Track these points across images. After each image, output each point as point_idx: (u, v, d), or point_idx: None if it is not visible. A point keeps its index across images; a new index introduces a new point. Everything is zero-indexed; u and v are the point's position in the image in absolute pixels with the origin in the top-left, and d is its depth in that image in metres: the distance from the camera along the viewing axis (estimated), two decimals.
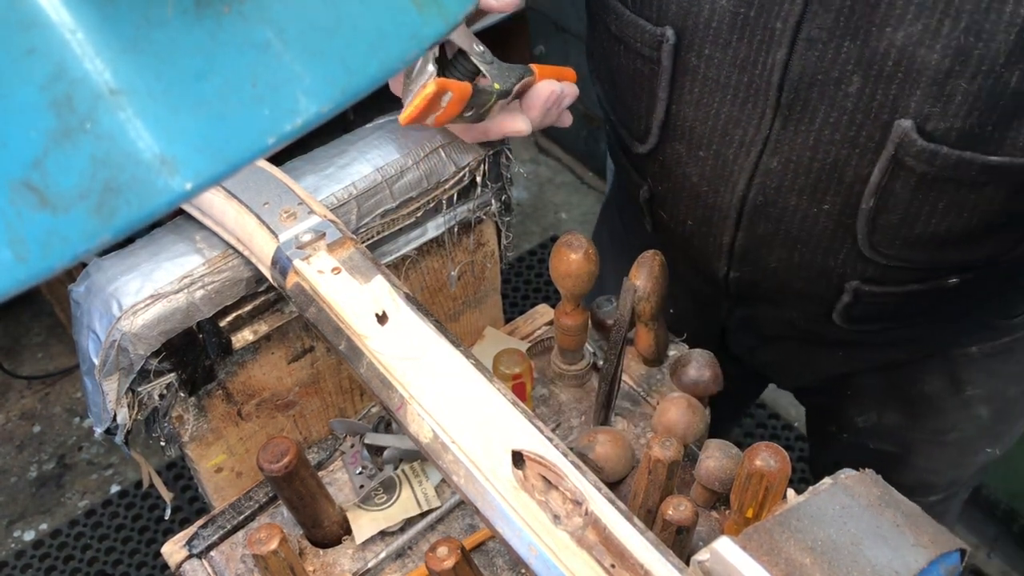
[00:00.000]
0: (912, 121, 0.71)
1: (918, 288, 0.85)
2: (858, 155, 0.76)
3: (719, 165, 0.83)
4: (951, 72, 0.68)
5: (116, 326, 0.69)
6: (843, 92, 0.73)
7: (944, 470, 1.11)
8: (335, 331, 0.64)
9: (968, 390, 1.03)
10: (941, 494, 1.15)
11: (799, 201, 0.81)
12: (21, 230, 0.25)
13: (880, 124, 0.73)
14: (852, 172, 0.77)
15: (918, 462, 1.10)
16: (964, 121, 0.70)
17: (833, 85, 0.73)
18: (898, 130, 0.72)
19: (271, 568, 0.69)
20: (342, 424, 0.86)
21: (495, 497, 0.54)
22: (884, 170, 0.75)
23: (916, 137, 0.72)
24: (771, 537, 0.51)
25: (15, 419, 2.24)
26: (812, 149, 0.78)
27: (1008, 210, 0.75)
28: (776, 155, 0.79)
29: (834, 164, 0.77)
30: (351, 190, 0.77)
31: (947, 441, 1.07)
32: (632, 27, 0.81)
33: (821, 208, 0.80)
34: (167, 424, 0.77)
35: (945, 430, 1.06)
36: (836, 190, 0.78)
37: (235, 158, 0.27)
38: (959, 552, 0.51)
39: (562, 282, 0.80)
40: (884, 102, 0.72)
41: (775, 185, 0.81)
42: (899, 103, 0.71)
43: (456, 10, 0.33)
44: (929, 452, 1.09)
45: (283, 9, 0.29)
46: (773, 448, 0.66)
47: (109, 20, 0.26)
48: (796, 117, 0.77)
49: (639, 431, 0.86)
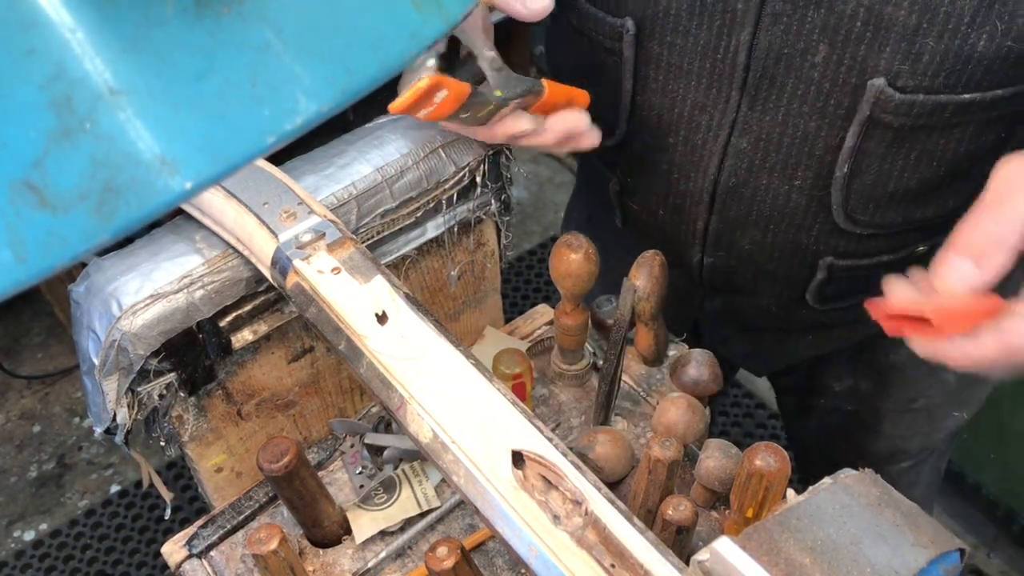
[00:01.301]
0: (884, 78, 0.73)
1: (889, 259, 0.87)
2: (827, 125, 0.77)
3: (688, 151, 0.83)
4: (919, 29, 0.69)
5: (116, 326, 0.69)
6: (809, 63, 0.74)
7: (914, 436, 1.13)
8: (335, 331, 0.64)
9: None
10: (912, 460, 1.17)
11: (771, 179, 0.82)
12: (21, 230, 0.25)
13: (849, 89, 0.75)
14: (823, 143, 0.78)
15: (889, 430, 1.12)
16: (932, 80, 0.72)
17: (799, 57, 0.74)
18: (872, 89, 0.73)
19: (271, 568, 0.69)
20: (342, 424, 0.86)
21: (495, 497, 0.54)
22: (857, 133, 0.76)
23: (892, 92, 0.73)
24: (771, 537, 0.51)
25: (15, 419, 2.24)
26: (781, 125, 0.79)
27: (971, 153, 0.78)
28: (745, 135, 0.80)
29: (804, 137, 0.78)
30: (351, 190, 0.77)
31: (916, 408, 1.09)
32: (592, 20, 0.82)
33: (793, 184, 0.81)
34: (167, 424, 0.77)
35: (914, 398, 1.08)
36: (807, 164, 0.79)
37: (235, 158, 0.27)
38: (959, 552, 0.51)
39: (562, 282, 0.80)
40: (852, 65, 0.73)
41: (746, 166, 0.82)
42: (868, 64, 0.73)
43: (456, 10, 0.33)
44: (898, 420, 1.11)
45: (283, 9, 0.29)
46: (773, 448, 0.66)
47: (109, 20, 0.26)
48: (763, 95, 0.78)
49: (639, 431, 0.86)
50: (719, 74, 0.78)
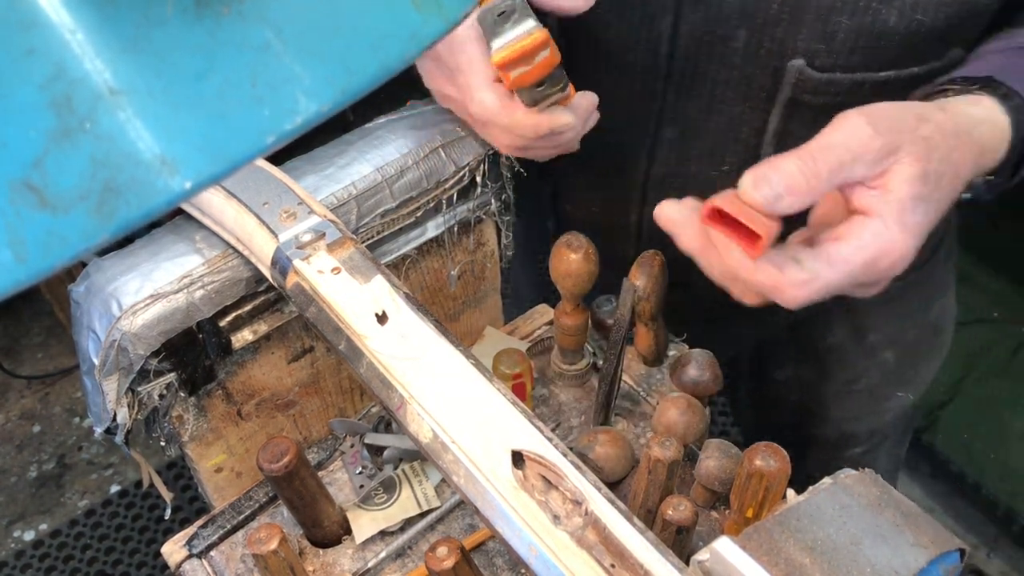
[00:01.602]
0: (803, 59, 0.74)
1: None
2: (751, 108, 0.78)
3: (619, 145, 0.84)
4: (832, 8, 0.71)
5: (116, 326, 0.69)
6: (731, 48, 0.76)
7: (860, 419, 1.14)
8: (335, 331, 0.64)
9: (871, 336, 1.06)
10: (863, 446, 1.17)
11: (699, 166, 0.83)
12: (21, 230, 0.25)
13: (770, 71, 0.76)
14: (747, 127, 0.78)
15: (834, 414, 1.12)
16: (848, 58, 0.74)
17: (720, 44, 0.75)
18: (792, 71, 0.75)
19: (271, 568, 0.69)
20: (342, 424, 0.86)
21: (495, 497, 0.54)
22: (781, 115, 0.77)
23: (811, 72, 0.75)
24: (771, 537, 0.51)
25: (15, 419, 2.24)
26: (706, 112, 0.80)
27: None
28: (672, 125, 0.81)
29: (729, 122, 0.79)
30: (351, 190, 0.77)
31: (858, 389, 1.10)
32: None
33: (721, 170, 0.82)
34: (167, 424, 0.77)
35: (854, 379, 1.09)
36: (734, 148, 0.80)
37: (235, 157, 0.27)
38: (959, 552, 0.51)
39: (562, 282, 0.80)
40: (772, 48, 0.75)
41: (675, 155, 0.83)
42: (787, 46, 0.74)
43: (456, 10, 0.33)
44: (842, 403, 1.12)
45: (283, 9, 0.29)
46: (773, 448, 0.66)
47: (109, 20, 0.26)
48: (688, 84, 0.79)
49: (639, 431, 0.86)
50: (644, 65, 0.79)
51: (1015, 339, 2.08)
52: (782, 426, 1.19)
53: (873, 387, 1.11)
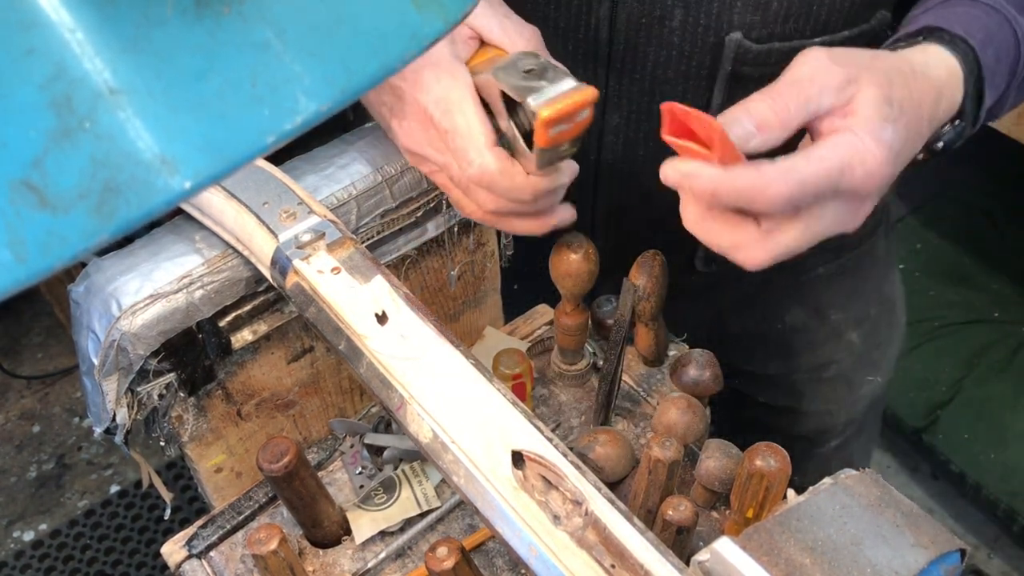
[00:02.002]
0: (740, 32, 0.76)
1: None
2: (693, 86, 0.80)
3: None
4: None
5: (115, 326, 0.69)
6: (668, 28, 0.77)
7: (835, 409, 1.14)
8: (335, 331, 0.64)
9: (833, 315, 1.06)
10: (839, 437, 1.17)
11: (646, 150, 0.84)
12: (21, 230, 0.25)
13: (709, 48, 0.77)
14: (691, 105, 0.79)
15: (809, 407, 1.12)
16: (783, 27, 0.76)
17: (658, 24, 0.77)
18: (731, 44, 0.76)
19: (271, 568, 0.69)
20: (342, 424, 0.86)
21: (495, 497, 0.54)
22: (723, 89, 0.79)
23: (750, 44, 0.77)
24: (771, 537, 0.51)
25: (14, 419, 2.24)
26: (649, 94, 0.81)
27: None
28: (617, 111, 0.82)
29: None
30: (351, 190, 0.77)
31: (828, 377, 1.10)
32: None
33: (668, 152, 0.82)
34: (167, 424, 0.77)
35: (824, 364, 1.09)
36: None
37: (235, 157, 0.27)
38: (959, 552, 0.51)
39: (562, 282, 0.80)
40: (709, 24, 0.76)
41: (622, 141, 0.83)
42: (723, 20, 0.76)
43: (456, 10, 0.33)
44: (815, 393, 1.11)
45: (283, 9, 0.29)
46: (773, 448, 0.66)
47: (109, 20, 0.26)
48: (628, 68, 0.80)
49: (639, 431, 0.86)
50: (584, 53, 0.80)
51: (1015, 339, 2.08)
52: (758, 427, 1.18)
53: (845, 372, 1.11)
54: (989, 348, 2.07)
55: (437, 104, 0.69)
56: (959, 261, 2.27)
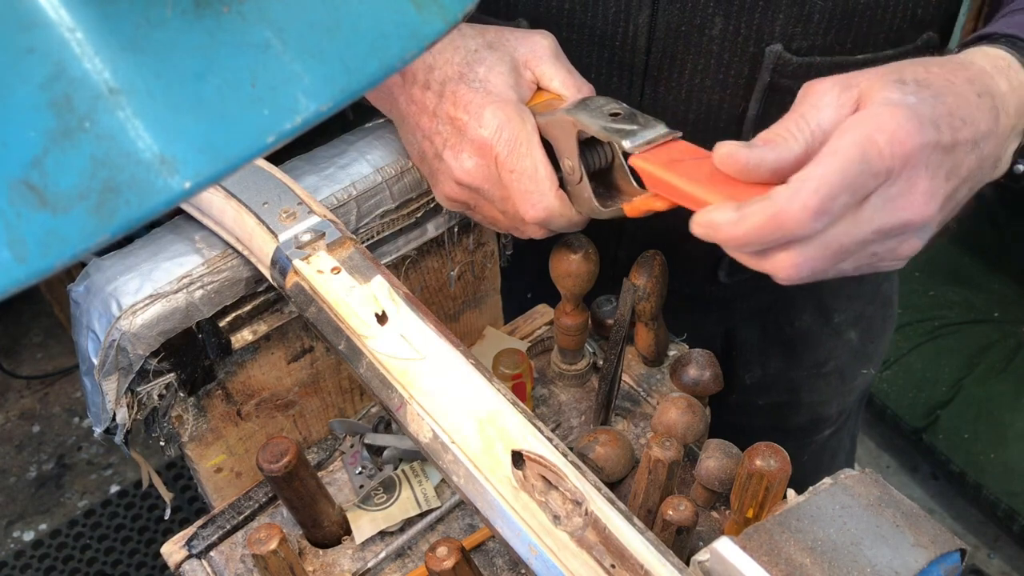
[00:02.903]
0: (780, 43, 0.75)
1: None
2: (730, 96, 0.79)
3: None
4: None
5: (115, 326, 0.69)
6: (707, 36, 0.76)
7: (830, 400, 1.15)
8: (335, 331, 0.64)
9: (836, 317, 1.07)
10: (832, 427, 1.18)
11: None
12: (20, 230, 0.25)
13: (748, 57, 0.76)
14: (726, 115, 0.79)
15: (805, 399, 1.13)
16: (824, 38, 0.75)
17: (697, 33, 0.76)
18: (770, 56, 0.75)
19: (271, 568, 0.69)
20: (342, 424, 0.86)
21: (495, 497, 0.54)
22: (760, 100, 0.78)
23: (790, 56, 0.75)
24: (771, 537, 0.51)
25: (14, 419, 2.24)
26: (685, 103, 0.80)
27: None
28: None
29: (708, 111, 0.79)
30: (351, 190, 0.77)
31: (827, 372, 1.11)
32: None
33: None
34: (167, 424, 0.77)
35: (823, 361, 1.10)
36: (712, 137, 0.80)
37: (234, 157, 0.27)
38: (959, 552, 0.51)
39: (562, 282, 0.80)
40: (749, 35, 0.75)
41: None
42: (764, 31, 0.75)
43: (456, 10, 0.33)
44: (812, 386, 1.12)
45: (283, 9, 0.29)
46: (773, 448, 0.66)
47: (109, 20, 0.26)
48: (664, 76, 0.79)
49: (639, 431, 0.86)
50: (619, 62, 0.79)
51: (1015, 339, 2.08)
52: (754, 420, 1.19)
53: (842, 367, 1.11)
54: (989, 348, 2.07)
55: (506, 144, 0.68)
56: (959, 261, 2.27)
